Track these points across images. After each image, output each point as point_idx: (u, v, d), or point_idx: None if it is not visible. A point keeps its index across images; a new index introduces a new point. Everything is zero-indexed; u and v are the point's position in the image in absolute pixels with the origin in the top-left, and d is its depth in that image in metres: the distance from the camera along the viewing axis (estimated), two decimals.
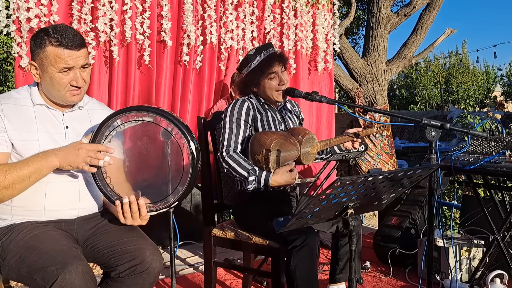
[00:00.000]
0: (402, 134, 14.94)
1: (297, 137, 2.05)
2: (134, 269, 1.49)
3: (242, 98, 2.12)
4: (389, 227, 3.05)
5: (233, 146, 2.04)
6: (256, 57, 2.13)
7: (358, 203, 1.46)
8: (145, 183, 1.55)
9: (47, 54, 1.51)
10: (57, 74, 1.52)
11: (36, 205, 1.54)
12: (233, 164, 1.98)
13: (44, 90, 1.58)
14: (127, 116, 1.50)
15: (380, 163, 4.56)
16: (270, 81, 2.10)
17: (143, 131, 1.52)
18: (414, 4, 4.72)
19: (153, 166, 1.53)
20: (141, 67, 2.90)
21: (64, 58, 1.51)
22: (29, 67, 1.56)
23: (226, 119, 2.08)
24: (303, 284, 1.76)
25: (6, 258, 1.46)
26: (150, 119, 1.50)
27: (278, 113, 2.19)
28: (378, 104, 4.65)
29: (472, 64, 25.12)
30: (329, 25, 3.70)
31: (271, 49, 2.17)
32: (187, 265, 3.05)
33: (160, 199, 1.52)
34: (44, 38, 1.51)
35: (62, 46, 1.50)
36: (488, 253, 2.45)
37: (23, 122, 1.53)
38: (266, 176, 1.92)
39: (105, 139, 1.51)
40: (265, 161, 1.93)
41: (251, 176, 1.93)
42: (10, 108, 1.53)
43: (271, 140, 1.94)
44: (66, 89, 1.55)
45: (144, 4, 2.82)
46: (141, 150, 1.53)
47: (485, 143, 2.37)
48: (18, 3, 2.46)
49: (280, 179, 1.92)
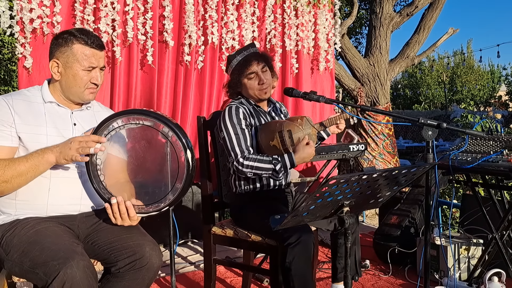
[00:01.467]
0: (406, 134, 14.92)
1: (296, 121, 2.09)
2: (134, 264, 1.52)
3: (235, 104, 2.12)
4: (388, 225, 3.07)
5: (246, 150, 2.03)
6: (236, 57, 2.15)
7: (354, 201, 1.48)
8: (139, 185, 1.60)
9: (74, 51, 1.61)
10: (81, 71, 1.62)
11: (39, 199, 1.59)
12: (255, 164, 1.98)
13: (63, 87, 1.65)
14: (128, 118, 1.54)
15: (382, 163, 4.57)
16: (250, 81, 2.11)
17: (142, 134, 1.56)
18: (417, 4, 4.73)
19: (149, 169, 1.58)
20: (143, 67, 2.94)
21: (90, 56, 1.62)
22: (51, 64, 1.63)
23: (228, 127, 2.05)
24: (298, 281, 1.78)
25: (10, 252, 1.50)
26: (149, 123, 1.53)
27: (268, 115, 2.22)
28: (381, 103, 4.66)
29: (476, 64, 25.01)
30: (330, 25, 3.72)
31: (252, 48, 2.17)
32: (187, 263, 3.08)
33: (152, 202, 1.56)
34: (70, 37, 1.61)
35: (88, 45, 1.62)
36: (486, 251, 2.46)
37: (32, 117, 1.59)
38: (289, 158, 1.97)
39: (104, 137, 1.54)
40: (281, 142, 1.98)
41: (277, 165, 1.97)
42: (21, 103, 1.60)
43: (280, 123, 2.01)
44: (85, 87, 1.65)
45: (146, 5, 2.85)
46: (138, 153, 1.57)
47: (483, 142, 2.39)
48: (22, 4, 2.50)
49: (303, 153, 1.97)
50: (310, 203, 1.37)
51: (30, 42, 2.54)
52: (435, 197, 2.49)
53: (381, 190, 1.54)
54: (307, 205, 1.37)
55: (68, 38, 1.61)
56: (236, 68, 2.13)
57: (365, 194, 1.49)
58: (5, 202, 1.59)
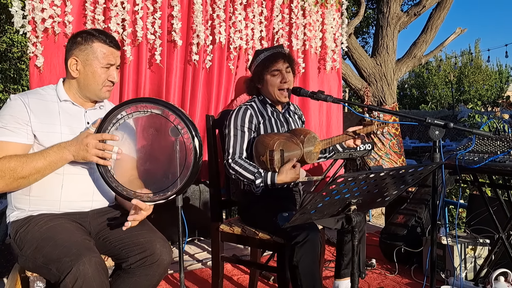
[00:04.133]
0: (412, 134, 14.88)
1: (299, 137, 2.10)
2: (145, 260, 1.55)
3: (245, 105, 2.16)
4: (395, 225, 3.08)
5: (238, 152, 2.09)
6: (263, 53, 2.21)
7: (361, 200, 1.49)
8: (147, 173, 1.62)
9: (94, 49, 1.66)
10: (100, 69, 1.67)
11: (53, 195, 1.62)
12: (239, 169, 2.04)
13: (81, 85, 1.70)
14: (136, 107, 1.56)
15: (389, 163, 4.57)
16: (272, 78, 2.15)
17: (151, 122, 1.58)
18: (424, 4, 4.72)
19: (157, 157, 1.60)
20: (152, 66, 2.96)
21: (109, 55, 1.68)
22: (70, 62, 1.67)
23: (231, 127, 2.12)
24: (306, 279, 1.81)
25: (24, 248, 1.53)
26: (158, 111, 1.55)
27: (282, 115, 2.24)
28: (387, 103, 4.66)
29: (484, 64, 24.84)
30: (338, 25, 3.73)
31: (280, 48, 2.23)
32: (195, 261, 3.11)
33: (159, 190, 1.57)
34: (90, 36, 1.66)
35: (107, 44, 1.68)
36: (493, 251, 2.47)
37: (47, 116, 1.63)
38: (272, 177, 1.99)
39: (112, 127, 1.56)
40: (270, 161, 1.99)
41: (258, 179, 2.00)
42: (36, 102, 1.63)
43: (273, 141, 2.00)
44: (103, 84, 1.70)
45: (155, 5, 2.88)
46: (147, 141, 1.60)
47: (490, 142, 2.39)
48: (33, 4, 2.54)
49: (285, 177, 1.98)
50: (317, 201, 1.39)
51: (42, 41, 2.58)
52: (442, 196, 2.49)
53: (388, 189, 1.56)
54: (315, 203, 1.39)
55: (88, 37, 1.67)
56: (262, 63, 2.18)
57: (372, 192, 1.51)
58: (19, 197, 1.62)
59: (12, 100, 1.61)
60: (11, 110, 1.58)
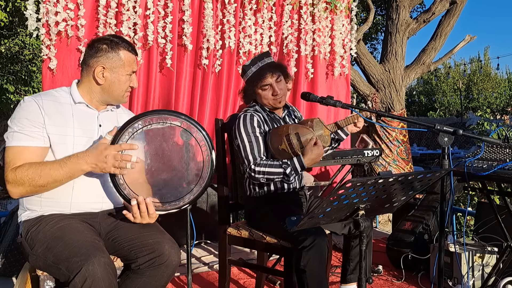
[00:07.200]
0: (420, 141, 14.79)
1: (306, 123, 2.12)
2: (153, 261, 1.56)
3: (250, 112, 2.16)
4: (402, 231, 3.06)
5: (259, 157, 2.08)
6: (250, 68, 2.18)
7: (369, 205, 1.50)
8: (162, 183, 1.64)
9: (121, 57, 1.69)
10: (125, 76, 1.71)
11: (64, 196, 1.64)
12: (265, 169, 2.04)
13: (105, 90, 1.71)
14: (151, 119, 1.59)
15: (396, 169, 4.56)
16: (264, 92, 2.15)
17: (168, 134, 1.61)
18: (434, 10, 4.72)
19: (174, 167, 1.62)
20: (162, 70, 3.00)
21: (132, 62, 1.72)
22: (97, 70, 1.67)
23: (242, 135, 2.10)
24: (313, 284, 1.81)
25: (34, 247, 1.55)
26: (178, 123, 1.59)
27: (282, 121, 2.25)
28: (395, 110, 4.65)
29: (493, 71, 24.68)
30: (347, 31, 3.75)
31: (266, 59, 2.18)
32: (201, 264, 3.12)
33: (172, 200, 1.61)
34: (116, 44, 1.68)
35: (131, 51, 1.71)
36: (501, 259, 2.45)
37: (61, 118, 1.65)
38: (298, 160, 2.01)
39: (129, 137, 1.59)
40: (289, 146, 2.01)
41: (287, 168, 2.01)
42: (50, 104, 1.65)
43: (287, 127, 2.04)
44: (125, 90, 1.74)
45: (166, 9, 2.92)
46: (163, 152, 1.62)
47: (499, 150, 2.38)
48: (47, 7, 2.59)
49: (312, 155, 2.01)
50: (326, 205, 1.39)
51: (55, 44, 2.62)
52: (450, 203, 2.48)
53: (396, 195, 1.56)
54: (323, 207, 1.40)
55: (114, 45, 1.68)
56: (251, 80, 2.17)
57: (380, 198, 1.52)
58: (31, 199, 1.65)
59: (26, 102, 1.62)
60: (26, 113, 1.60)
